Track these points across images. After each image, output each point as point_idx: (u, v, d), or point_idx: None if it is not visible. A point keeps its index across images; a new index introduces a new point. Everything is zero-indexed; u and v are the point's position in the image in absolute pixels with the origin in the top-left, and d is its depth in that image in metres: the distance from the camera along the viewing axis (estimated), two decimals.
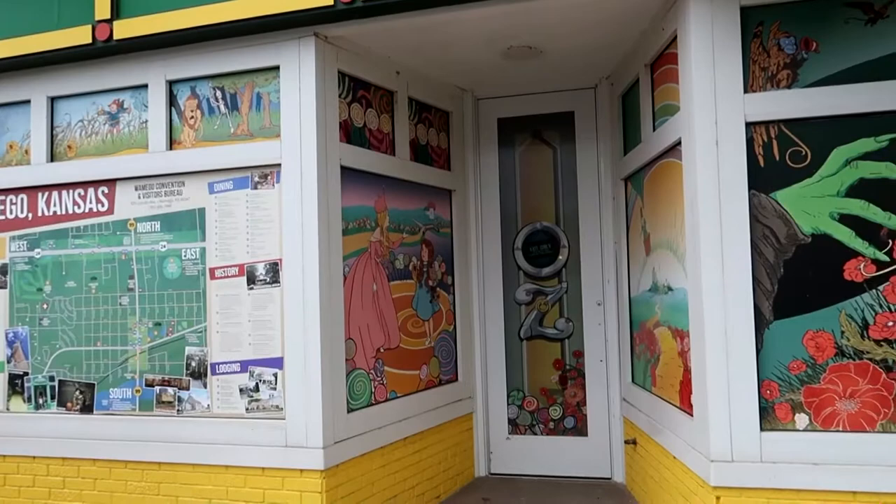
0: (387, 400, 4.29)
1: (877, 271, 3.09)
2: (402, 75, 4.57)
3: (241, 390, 3.94)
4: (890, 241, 3.07)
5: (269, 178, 3.96)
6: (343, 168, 4.02)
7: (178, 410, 4.05)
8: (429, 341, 4.78)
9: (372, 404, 4.16)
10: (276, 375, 3.88)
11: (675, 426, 3.74)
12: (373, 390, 4.19)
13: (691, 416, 3.47)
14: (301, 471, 3.74)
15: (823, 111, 3.15)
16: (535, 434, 5.16)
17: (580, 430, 5.07)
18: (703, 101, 3.26)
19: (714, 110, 3.24)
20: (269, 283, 3.92)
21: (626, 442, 4.73)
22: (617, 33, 4.11)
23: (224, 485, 3.87)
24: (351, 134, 4.15)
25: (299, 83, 3.85)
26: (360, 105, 4.24)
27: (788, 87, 3.21)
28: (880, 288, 3.08)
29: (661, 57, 3.89)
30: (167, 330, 4.10)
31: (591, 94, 5.11)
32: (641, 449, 4.43)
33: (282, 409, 3.84)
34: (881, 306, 3.07)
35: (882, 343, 3.07)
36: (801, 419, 3.15)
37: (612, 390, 4.97)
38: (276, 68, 3.93)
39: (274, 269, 3.91)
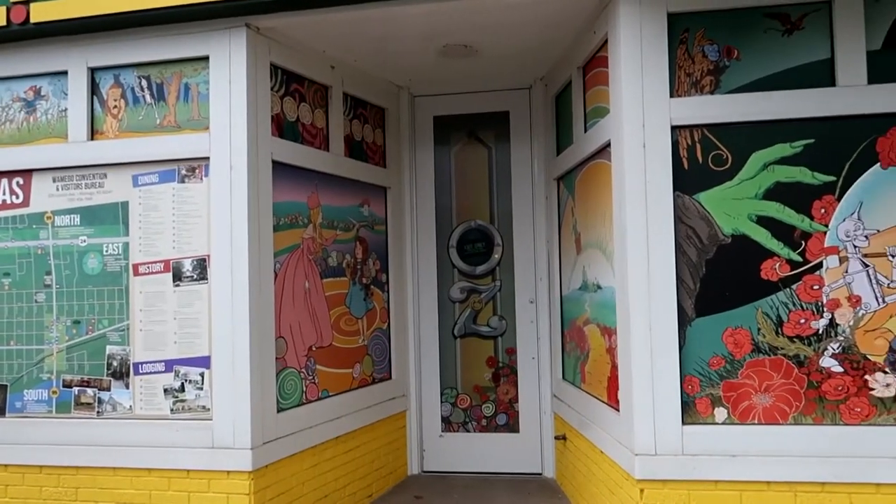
0: (318, 399, 4.24)
1: (791, 271, 3.23)
2: (336, 70, 4.52)
3: (165, 391, 3.81)
4: (803, 243, 3.22)
5: (196, 171, 3.84)
6: (275, 163, 3.94)
7: (98, 412, 3.88)
8: (362, 339, 4.75)
9: (303, 403, 4.10)
10: (202, 375, 3.77)
11: (603, 421, 3.82)
12: (304, 389, 4.13)
13: (618, 411, 3.56)
14: (228, 472, 3.65)
15: (743, 117, 3.27)
16: (468, 431, 5.19)
17: (512, 426, 5.13)
18: (631, 104, 3.34)
19: (642, 113, 3.33)
20: (196, 280, 3.81)
21: (557, 438, 4.81)
22: (551, 35, 4.17)
23: (147, 488, 3.74)
24: (283, 128, 4.07)
25: (229, 74, 3.76)
26: (293, 99, 4.16)
27: (711, 92, 3.33)
28: (794, 287, 3.22)
29: (592, 60, 3.97)
30: (87, 328, 3.93)
31: (526, 94, 5.17)
32: (571, 444, 4.52)
33: (208, 409, 3.74)
34: (794, 304, 3.22)
35: (795, 339, 3.22)
36: (721, 413, 3.27)
37: (543, 387, 5.05)
38: (206, 59, 3.82)
39: (201, 266, 3.80)
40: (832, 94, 3.20)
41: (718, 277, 3.28)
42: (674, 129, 3.32)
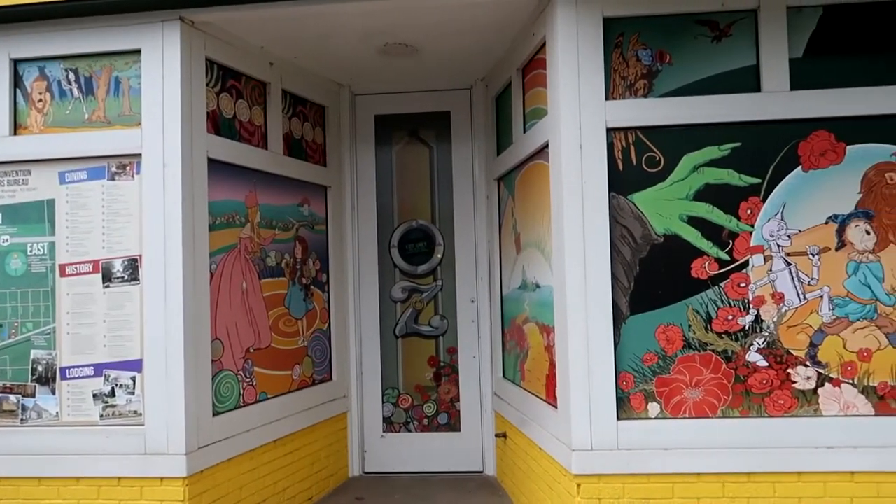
0: (256, 402, 4.16)
1: (719, 269, 3.35)
2: (275, 67, 4.44)
3: (94, 396, 3.68)
4: (730, 242, 3.35)
5: (128, 168, 3.72)
6: (211, 160, 3.85)
7: (21, 420, 3.71)
8: (302, 340, 4.68)
9: (240, 406, 4.02)
10: (134, 379, 3.65)
11: (542, 418, 3.88)
12: (241, 392, 4.04)
13: (556, 408, 3.62)
14: (161, 479, 3.54)
15: (675, 120, 3.37)
16: (410, 431, 5.18)
17: (453, 425, 5.15)
18: (568, 105, 3.40)
19: (578, 115, 3.39)
20: (127, 281, 3.68)
21: (497, 435, 4.86)
22: (491, 37, 4.21)
23: (74, 498, 3.60)
24: (220, 125, 3.98)
25: (163, 69, 3.65)
26: (229, 95, 4.08)
27: (645, 96, 3.42)
28: (722, 285, 3.34)
29: (531, 62, 4.03)
30: (9, 332, 3.75)
31: (467, 94, 5.20)
32: (511, 442, 4.57)
33: (140, 414, 3.63)
34: (722, 301, 3.34)
35: (723, 335, 3.34)
36: (653, 408, 3.36)
37: (484, 386, 5.09)
38: (138, 52, 3.70)
39: (133, 266, 3.68)
40: (757, 99, 3.33)
41: (651, 276, 3.37)
42: (609, 131, 3.40)
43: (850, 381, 3.28)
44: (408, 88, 5.20)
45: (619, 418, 3.33)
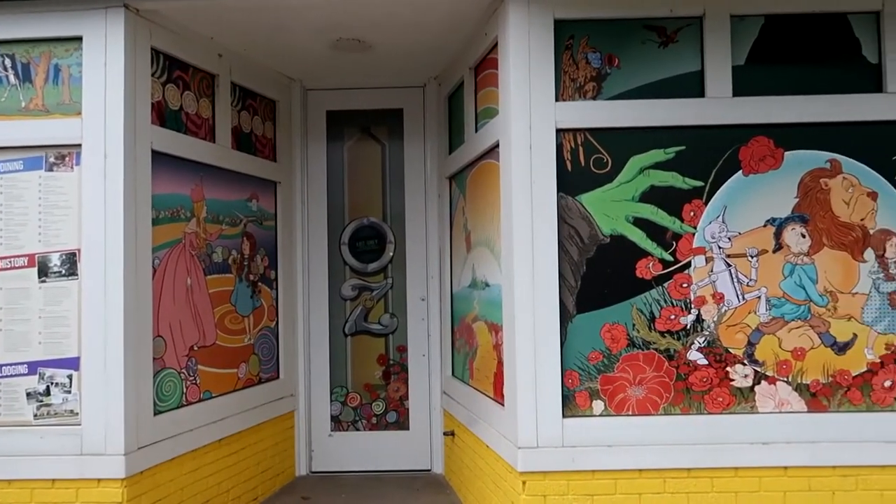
0: (200, 400, 4.07)
1: (663, 270, 3.42)
2: (225, 58, 4.35)
3: (28, 395, 3.54)
4: (674, 243, 3.42)
5: (67, 159, 3.59)
6: (155, 153, 3.75)
7: None
8: (248, 338, 4.60)
9: (183, 405, 3.92)
10: (70, 377, 3.53)
11: (489, 416, 3.90)
12: (184, 391, 3.95)
13: (503, 406, 3.64)
14: (99, 481, 3.44)
15: (622, 122, 3.43)
16: (358, 430, 5.15)
17: (402, 424, 5.14)
18: (518, 106, 3.42)
19: (528, 116, 3.42)
20: (64, 276, 3.56)
21: (445, 434, 4.87)
22: (444, 35, 4.21)
23: (5, 501, 3.46)
24: (165, 116, 3.88)
25: (105, 57, 3.54)
26: (176, 87, 3.98)
27: (594, 98, 3.47)
28: (665, 285, 3.42)
29: (483, 61, 4.04)
30: None
31: (420, 92, 5.19)
32: (459, 440, 4.58)
33: (77, 413, 3.51)
34: (666, 301, 3.42)
35: (665, 334, 3.41)
36: (598, 405, 3.41)
37: (433, 384, 5.09)
38: (79, 39, 3.58)
39: (71, 261, 3.55)
40: (702, 104, 3.42)
41: (598, 276, 3.42)
42: (558, 132, 3.44)
43: (785, 379, 3.39)
44: (360, 85, 5.17)
45: (564, 416, 3.37)
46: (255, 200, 4.72)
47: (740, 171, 3.42)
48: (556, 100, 3.44)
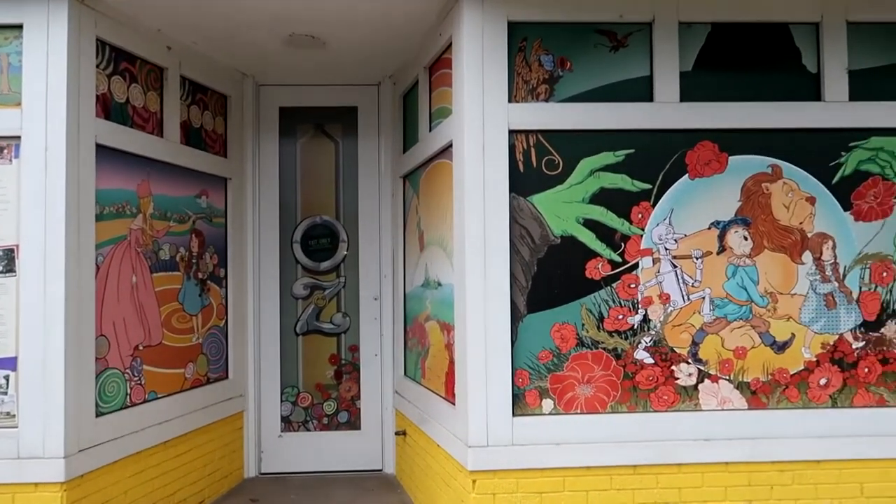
0: (145, 401, 3.97)
1: (612, 270, 3.48)
2: (174, 51, 4.26)
3: None
4: (622, 244, 3.49)
5: (5, 151, 3.46)
6: (99, 146, 3.64)
7: None
8: (196, 337, 4.51)
9: (127, 406, 3.82)
10: (7, 378, 3.40)
11: (441, 416, 3.91)
12: (128, 391, 3.85)
13: (454, 405, 3.65)
14: (36, 485, 3.32)
15: (574, 125, 3.48)
16: (309, 430, 5.10)
17: (354, 424, 5.11)
18: (472, 106, 3.44)
19: (482, 116, 3.44)
20: (2, 273, 3.43)
21: (397, 433, 4.86)
22: (399, 34, 4.20)
23: None
24: (111, 109, 3.77)
25: (47, 47, 3.42)
26: (122, 79, 3.87)
27: (546, 100, 3.51)
28: (614, 285, 3.48)
29: (438, 61, 4.05)
30: None
31: (375, 90, 5.17)
32: (410, 439, 4.58)
33: (14, 415, 3.38)
34: (614, 301, 3.48)
35: (613, 334, 3.48)
36: (547, 404, 3.45)
37: (385, 384, 5.08)
38: (19, 27, 3.46)
39: (8, 257, 3.43)
40: (650, 108, 3.49)
41: (548, 276, 3.46)
42: (511, 133, 3.46)
43: (727, 378, 3.49)
44: (314, 81, 5.12)
45: (514, 415, 3.40)
46: (204, 197, 4.63)
47: (687, 175, 3.50)
48: (510, 101, 3.46)
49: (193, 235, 4.50)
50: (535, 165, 3.49)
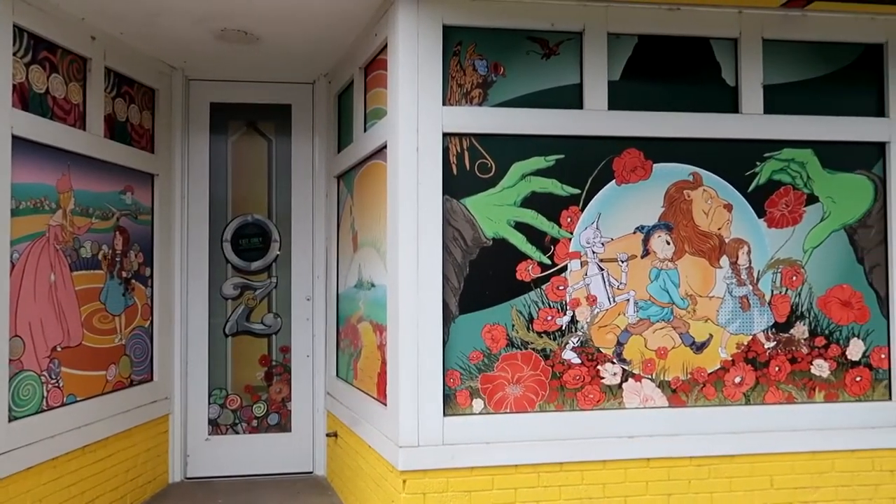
0: (63, 405, 3.81)
1: (541, 272, 3.56)
2: (98, 41, 4.10)
3: None
4: (552, 247, 3.57)
5: None
6: (16, 138, 3.48)
7: None
8: (119, 338, 4.36)
9: (43, 410, 3.66)
10: None
11: (372, 417, 3.91)
12: (45, 394, 3.69)
13: (385, 406, 3.66)
14: None
15: (506, 129, 3.54)
16: (238, 433, 5.00)
17: (284, 426, 5.04)
18: (406, 108, 3.45)
19: (416, 118, 3.46)
20: None
21: (328, 435, 4.82)
22: (334, 33, 4.18)
23: None
24: (29, 100, 3.61)
25: None
26: (41, 68, 3.71)
27: (480, 104, 3.56)
28: (543, 287, 3.56)
29: (373, 61, 4.05)
30: None
31: (310, 89, 5.12)
32: (342, 441, 4.56)
33: None
34: (543, 303, 3.56)
35: (542, 335, 3.56)
36: (478, 403, 3.50)
37: (317, 385, 5.03)
38: None
39: None
40: (580, 115, 3.59)
41: (480, 277, 3.51)
42: (445, 135, 3.50)
43: (650, 377, 3.62)
44: (247, 77, 5.03)
45: (445, 414, 3.44)
46: (129, 193, 4.48)
47: (614, 181, 3.62)
48: (444, 104, 3.50)
49: (117, 233, 4.35)
50: (468, 168, 3.53)
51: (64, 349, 3.85)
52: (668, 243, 3.64)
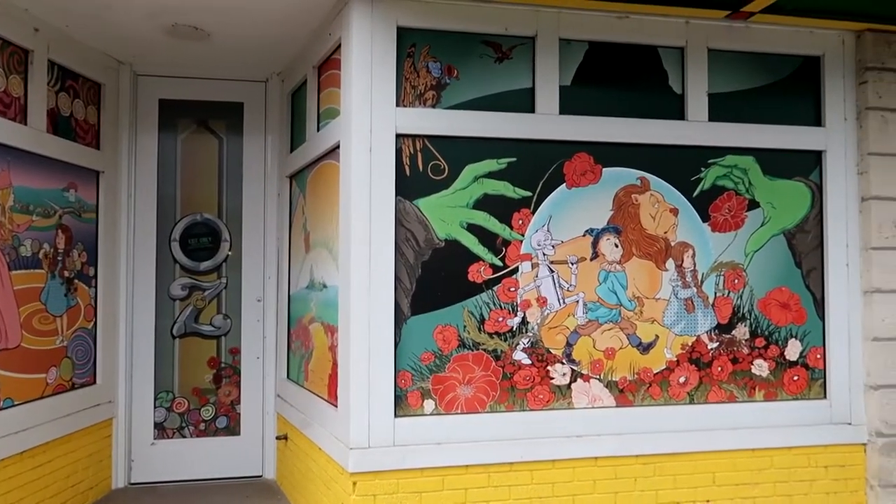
0: None
1: (493, 274, 3.60)
2: (42, 33, 3.98)
3: None
4: (504, 249, 3.61)
5: None
6: None
7: None
8: (60, 340, 4.22)
9: None
10: None
11: (323, 419, 3.88)
12: None
13: (336, 407, 3.63)
14: None
15: (459, 132, 3.57)
16: (185, 437, 4.89)
17: (233, 429, 4.95)
18: (360, 109, 3.45)
19: (369, 119, 3.45)
20: None
21: (278, 438, 4.76)
22: (288, 31, 4.14)
23: None
24: None
25: None
26: None
27: (433, 106, 3.57)
28: (495, 289, 3.59)
29: (327, 61, 4.03)
30: None
31: (262, 87, 5.05)
32: (292, 444, 4.51)
33: None
34: (495, 304, 3.59)
35: (494, 336, 3.59)
36: (429, 404, 3.51)
37: (267, 387, 4.96)
38: None
39: None
40: (532, 119, 3.64)
41: (432, 278, 3.53)
42: (398, 136, 3.50)
43: (598, 377, 3.69)
44: (198, 74, 4.94)
45: (396, 416, 3.43)
46: (73, 190, 4.35)
47: (564, 184, 3.68)
48: (397, 105, 3.50)
49: (60, 231, 4.22)
50: (421, 170, 3.54)
51: (1, 351, 3.71)
52: (617, 246, 3.72)
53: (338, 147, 3.71)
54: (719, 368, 3.82)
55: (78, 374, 4.40)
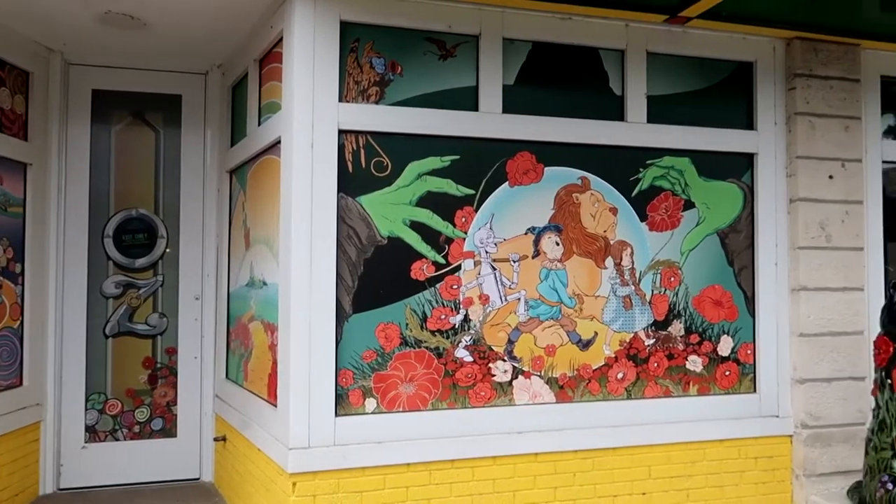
0: None
1: (436, 272, 3.59)
2: None
3: None
4: (446, 247, 3.61)
5: None
6: None
7: None
8: None
9: None
10: None
11: (262, 419, 3.80)
12: None
13: (276, 407, 3.57)
14: None
15: (403, 129, 3.55)
16: (118, 440, 4.73)
17: (169, 431, 4.81)
18: (301, 103, 3.39)
19: (311, 114, 3.40)
20: None
21: (216, 439, 4.65)
22: (228, 22, 4.04)
23: None
24: None
25: None
26: None
27: (377, 102, 3.55)
28: (437, 286, 3.59)
29: (269, 54, 3.95)
30: None
31: (202, 80, 4.92)
32: (231, 445, 4.41)
33: None
34: (437, 302, 3.59)
35: (436, 333, 3.59)
36: (371, 403, 3.48)
37: (205, 388, 4.84)
38: None
39: None
40: (475, 118, 3.65)
41: (374, 276, 3.50)
42: (341, 132, 3.46)
43: (539, 374, 3.73)
44: (134, 65, 4.77)
45: (337, 415, 3.40)
46: None
47: (507, 183, 3.71)
48: (340, 100, 3.46)
49: None
50: (364, 166, 3.51)
51: None
52: (558, 244, 3.77)
53: (279, 142, 3.65)
54: (655, 364, 3.91)
55: (3, 376, 4.21)
